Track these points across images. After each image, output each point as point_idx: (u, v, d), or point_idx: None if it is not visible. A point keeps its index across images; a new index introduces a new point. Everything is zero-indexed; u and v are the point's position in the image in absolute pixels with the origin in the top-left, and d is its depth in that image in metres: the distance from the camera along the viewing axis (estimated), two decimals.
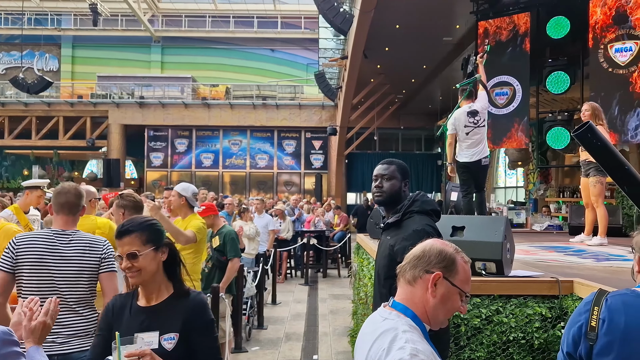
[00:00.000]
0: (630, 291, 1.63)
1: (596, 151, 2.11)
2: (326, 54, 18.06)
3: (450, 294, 1.44)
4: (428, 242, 1.52)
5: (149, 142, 23.16)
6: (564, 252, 5.03)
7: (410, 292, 1.47)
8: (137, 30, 26.11)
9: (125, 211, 3.27)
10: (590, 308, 1.62)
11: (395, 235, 2.38)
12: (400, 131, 23.59)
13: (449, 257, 1.46)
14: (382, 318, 1.47)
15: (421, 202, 2.44)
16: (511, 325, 3.07)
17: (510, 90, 9.10)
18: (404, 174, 2.55)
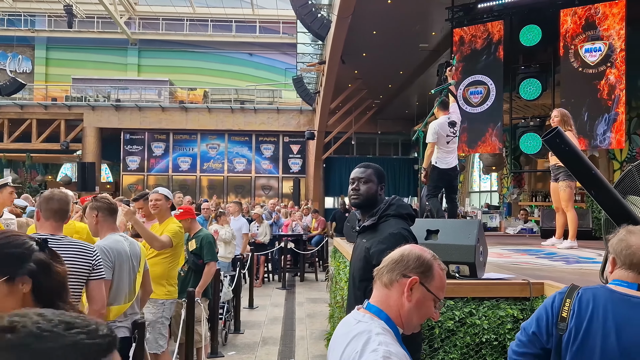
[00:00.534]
0: (601, 285, 1.72)
1: (564, 156, 2.18)
2: (304, 58, 18.11)
3: (425, 300, 1.47)
4: (407, 247, 1.54)
5: (125, 145, 22.86)
6: (535, 255, 5.13)
7: (385, 295, 1.48)
8: (113, 32, 25.79)
9: (98, 213, 3.22)
10: (563, 299, 1.70)
11: (371, 238, 2.41)
12: (377, 136, 23.76)
13: (427, 263, 1.48)
14: (356, 320, 1.48)
15: (397, 206, 2.48)
16: (484, 327, 3.13)
17: (484, 89, 9.28)
18: (381, 177, 2.59)
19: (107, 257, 3.04)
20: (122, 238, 3.27)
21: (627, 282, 1.65)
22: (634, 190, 2.79)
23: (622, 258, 1.68)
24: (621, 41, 8.09)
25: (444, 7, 10.03)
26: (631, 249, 1.65)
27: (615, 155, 10.24)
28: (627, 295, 1.62)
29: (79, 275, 2.67)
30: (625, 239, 1.68)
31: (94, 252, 2.77)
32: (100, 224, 3.24)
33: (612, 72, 8.06)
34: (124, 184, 22.80)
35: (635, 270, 1.64)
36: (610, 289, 1.67)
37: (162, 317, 3.96)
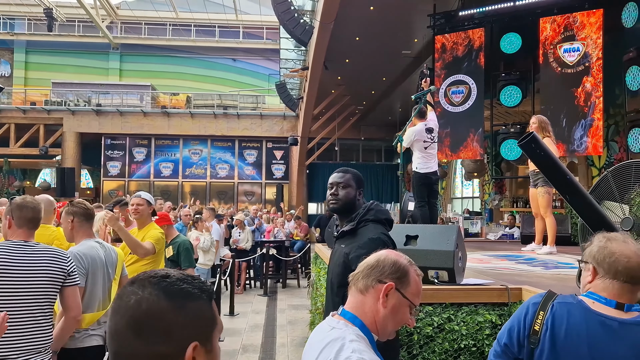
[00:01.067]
0: (576, 301, 1.64)
1: (540, 161, 2.18)
2: (287, 64, 18.11)
3: (400, 306, 1.44)
4: (383, 253, 1.52)
5: (106, 150, 22.58)
6: (515, 261, 5.16)
7: (360, 301, 1.46)
8: (94, 36, 25.52)
9: (74, 218, 3.15)
10: (537, 311, 1.65)
11: (350, 243, 2.39)
12: (360, 142, 23.81)
13: (403, 269, 1.46)
14: (330, 327, 1.45)
15: (376, 211, 2.46)
16: (462, 333, 3.12)
17: (465, 89, 9.37)
18: (359, 182, 2.57)
19: (81, 264, 2.97)
20: (97, 244, 3.20)
21: (605, 298, 1.58)
22: (609, 196, 2.81)
23: (605, 267, 1.60)
24: (598, 50, 8.23)
25: (425, 15, 10.10)
26: (614, 257, 1.58)
27: (594, 162, 10.39)
28: (603, 316, 1.56)
29: (54, 281, 2.62)
30: (607, 247, 1.61)
31: (68, 258, 2.73)
32: (76, 229, 3.17)
33: (589, 80, 8.20)
34: (105, 190, 22.50)
35: (621, 279, 1.57)
36: (587, 307, 1.59)
37: None
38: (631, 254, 1.58)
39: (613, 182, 2.78)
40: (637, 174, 2.72)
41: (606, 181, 2.82)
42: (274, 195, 22.35)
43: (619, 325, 1.54)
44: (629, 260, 1.56)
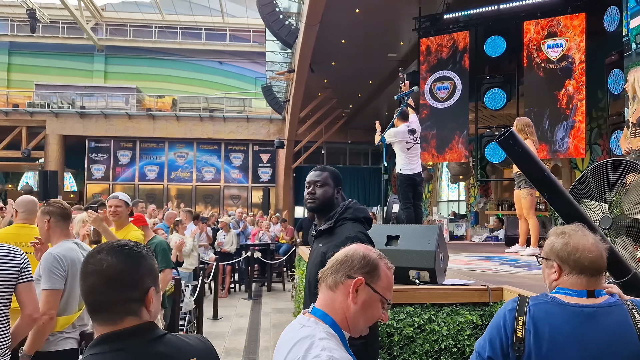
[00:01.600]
0: (549, 298, 1.62)
1: (518, 157, 2.16)
2: (274, 67, 18.06)
3: (371, 301, 1.41)
4: (352, 247, 1.48)
5: (90, 153, 22.32)
6: (498, 262, 5.16)
7: (330, 298, 1.42)
8: (79, 38, 25.26)
9: (51, 218, 3.07)
10: (515, 317, 1.61)
11: (327, 242, 2.35)
12: (347, 145, 23.80)
13: (372, 263, 1.42)
14: (300, 325, 1.42)
15: (354, 210, 2.43)
16: (443, 334, 3.09)
17: (450, 85, 9.41)
18: (337, 181, 2.54)
19: (60, 266, 2.89)
20: (75, 245, 3.12)
21: (576, 291, 1.58)
22: (588, 195, 2.81)
23: (570, 264, 1.60)
24: (581, 53, 8.31)
25: (411, 18, 10.13)
26: (579, 253, 1.58)
27: (577, 165, 10.47)
28: (579, 305, 1.56)
29: (7, 280, 2.57)
30: (569, 243, 1.60)
31: (21, 255, 2.67)
32: (52, 229, 3.09)
33: (571, 83, 8.28)
34: (89, 193, 22.21)
35: (588, 274, 1.57)
36: (561, 301, 1.59)
37: None
38: (592, 247, 1.59)
39: (592, 181, 2.78)
40: (616, 173, 2.72)
41: (585, 180, 2.81)
42: (261, 198, 22.25)
43: (596, 311, 1.55)
44: (592, 254, 1.58)
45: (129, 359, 1.24)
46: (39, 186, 19.64)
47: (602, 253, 1.61)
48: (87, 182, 22.35)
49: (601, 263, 1.59)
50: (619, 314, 1.55)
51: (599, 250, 1.60)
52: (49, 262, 2.88)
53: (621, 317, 1.55)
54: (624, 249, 2.64)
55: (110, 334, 1.26)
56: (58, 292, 2.87)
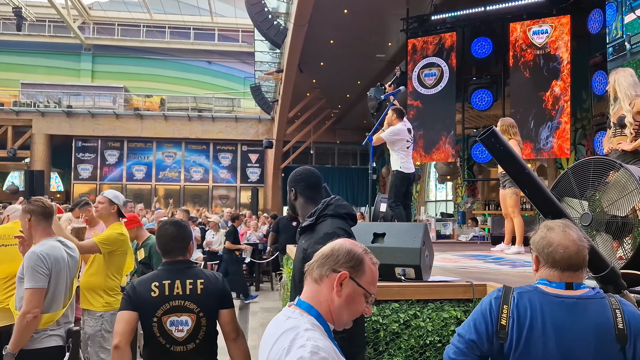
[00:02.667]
0: (532, 288, 1.69)
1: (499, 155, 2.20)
2: (262, 67, 18.06)
3: (355, 295, 1.44)
4: (338, 242, 1.51)
5: (77, 153, 22.16)
6: (483, 260, 5.22)
7: (316, 291, 1.45)
8: (66, 37, 25.06)
9: (31, 217, 3.05)
10: (500, 305, 1.67)
11: (308, 239, 2.39)
12: (336, 145, 23.87)
13: (357, 257, 1.45)
14: (286, 317, 1.45)
15: (335, 206, 2.45)
16: (428, 330, 3.13)
17: (438, 71, 9.49)
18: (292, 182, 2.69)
19: (44, 264, 2.88)
20: (59, 244, 3.12)
21: (554, 282, 1.65)
22: (569, 192, 2.87)
23: (544, 257, 1.67)
24: (568, 53, 8.42)
25: (399, 18, 10.20)
26: (552, 247, 1.64)
27: (562, 165, 10.60)
28: (560, 296, 1.62)
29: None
30: (546, 237, 1.67)
31: None
32: (34, 228, 3.07)
33: (558, 84, 8.38)
34: (76, 193, 22.04)
35: (559, 268, 1.63)
36: (542, 290, 1.65)
37: (101, 331, 3.76)
38: (569, 243, 1.64)
39: (573, 179, 2.83)
40: (596, 172, 2.78)
41: (566, 178, 2.87)
42: (249, 198, 22.23)
43: (576, 302, 1.61)
44: (565, 249, 1.63)
45: (174, 270, 2.56)
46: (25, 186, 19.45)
47: (580, 250, 1.65)
48: (74, 182, 22.18)
49: (576, 259, 1.64)
50: (599, 307, 1.61)
51: (577, 247, 1.64)
52: (32, 260, 2.87)
53: (600, 311, 1.60)
54: (603, 245, 2.70)
55: (170, 261, 2.61)
56: (42, 291, 2.86)
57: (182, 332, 2.49)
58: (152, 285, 2.48)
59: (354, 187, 23.20)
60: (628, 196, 2.63)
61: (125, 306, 2.47)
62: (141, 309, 2.44)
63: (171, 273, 2.53)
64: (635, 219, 2.64)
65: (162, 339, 2.46)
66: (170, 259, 2.58)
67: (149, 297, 2.45)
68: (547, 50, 8.61)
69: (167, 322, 2.47)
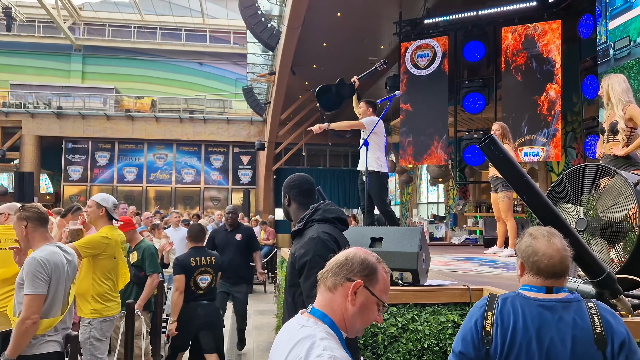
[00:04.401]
0: (515, 294, 1.75)
1: (498, 162, 2.24)
2: (255, 69, 18.05)
3: (369, 303, 1.45)
4: (351, 250, 1.52)
5: (67, 154, 21.99)
6: (477, 263, 5.27)
7: (329, 299, 1.46)
8: (56, 37, 24.87)
9: (28, 223, 3.03)
10: (484, 312, 1.72)
11: (296, 243, 2.43)
12: (328, 147, 23.89)
13: (371, 266, 1.47)
14: (300, 325, 1.44)
15: (323, 211, 2.45)
16: (425, 333, 3.16)
17: (430, 52, 9.56)
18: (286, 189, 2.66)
19: (44, 270, 2.86)
20: (58, 249, 3.10)
21: (536, 287, 1.71)
22: (565, 197, 2.91)
23: (529, 264, 1.72)
24: (560, 57, 8.51)
25: (391, 22, 10.26)
26: (537, 256, 1.70)
27: (553, 168, 10.71)
28: (540, 300, 1.68)
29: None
30: (532, 245, 1.72)
31: None
32: (31, 234, 3.05)
33: (553, 87, 8.47)
34: (65, 195, 21.88)
35: (543, 276, 1.69)
36: (524, 295, 1.71)
37: (90, 338, 3.72)
38: (553, 252, 1.69)
39: (568, 184, 2.88)
40: (591, 177, 2.83)
41: (562, 184, 2.92)
42: (241, 200, 22.19)
43: (555, 305, 1.67)
44: (550, 259, 1.69)
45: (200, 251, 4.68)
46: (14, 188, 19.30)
47: (563, 259, 1.71)
48: (64, 184, 22.00)
49: (559, 268, 1.70)
50: (577, 311, 1.67)
51: (561, 256, 1.70)
52: (32, 266, 2.85)
53: (578, 314, 1.66)
54: (598, 249, 2.75)
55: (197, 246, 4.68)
56: (41, 297, 2.85)
57: (205, 284, 4.60)
58: (190, 259, 4.56)
59: (346, 188, 23.24)
60: (623, 202, 2.68)
61: (178, 271, 4.51)
62: (186, 272, 4.50)
63: (199, 252, 4.64)
64: (629, 224, 2.69)
65: (194, 287, 4.54)
66: (197, 244, 4.72)
67: (189, 266, 4.52)
68: (540, 53, 8.69)
69: (198, 278, 4.57)
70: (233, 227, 6.08)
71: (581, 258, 2.33)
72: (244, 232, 6.11)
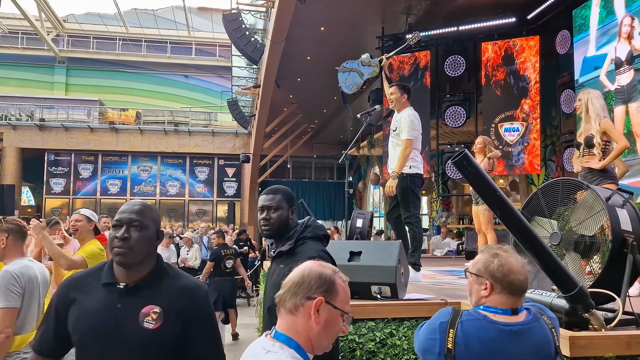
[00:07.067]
0: (481, 316, 1.71)
1: (471, 177, 2.25)
2: (239, 82, 18.08)
3: (333, 317, 1.41)
4: (305, 266, 1.47)
5: (50, 167, 21.73)
6: (457, 276, 5.29)
7: (292, 322, 1.41)
8: (39, 49, 24.70)
9: (9, 236, 3.02)
10: (447, 329, 1.69)
11: (289, 263, 2.23)
12: (313, 159, 23.92)
13: (329, 280, 1.43)
14: (265, 350, 1.40)
15: (313, 228, 2.39)
16: (404, 348, 3.16)
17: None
18: (290, 201, 2.43)
19: (17, 283, 2.84)
20: (31, 263, 3.09)
21: (502, 309, 1.69)
22: (539, 212, 2.95)
23: (504, 284, 1.69)
24: (536, 73, 8.68)
25: (374, 36, 10.36)
26: (513, 275, 1.68)
27: (534, 181, 10.84)
28: (507, 324, 1.67)
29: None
30: (505, 265, 1.70)
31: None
32: (9, 247, 3.03)
33: (527, 102, 8.62)
34: (47, 208, 21.59)
35: (517, 294, 1.69)
36: (490, 319, 1.68)
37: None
38: (522, 270, 1.72)
39: (543, 199, 2.92)
40: (564, 192, 2.87)
41: (536, 198, 2.95)
42: (226, 213, 22.08)
43: (521, 329, 1.67)
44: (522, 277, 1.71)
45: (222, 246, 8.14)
46: None
47: (527, 276, 1.74)
48: (46, 197, 21.72)
49: (526, 284, 1.73)
50: (539, 329, 1.70)
51: (526, 273, 1.73)
52: (5, 279, 2.83)
53: (542, 333, 1.70)
54: (572, 263, 2.78)
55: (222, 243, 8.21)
56: (14, 311, 2.82)
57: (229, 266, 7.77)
58: (221, 251, 7.78)
59: (331, 201, 23.26)
60: (595, 216, 2.72)
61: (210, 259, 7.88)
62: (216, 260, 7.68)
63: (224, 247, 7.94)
64: (602, 238, 2.73)
65: (224, 267, 7.71)
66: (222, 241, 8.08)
67: (220, 255, 7.69)
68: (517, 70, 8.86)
69: (225, 262, 7.67)
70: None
71: (554, 273, 2.35)
72: None
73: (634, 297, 3.08)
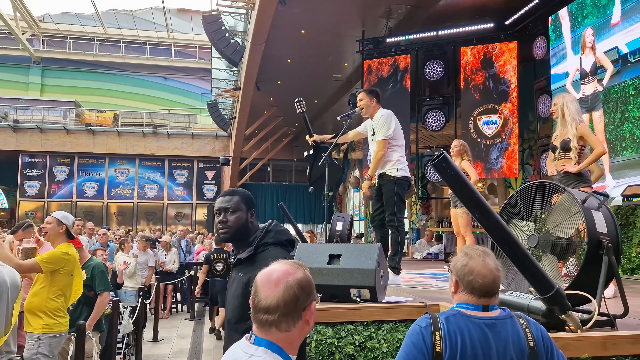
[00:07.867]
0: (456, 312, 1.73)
1: (450, 180, 2.26)
2: (219, 84, 17.96)
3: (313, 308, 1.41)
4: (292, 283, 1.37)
5: (24, 169, 21.28)
6: (437, 279, 5.31)
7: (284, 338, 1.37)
8: (13, 49, 24.22)
9: None
10: (432, 333, 1.69)
11: (249, 271, 2.05)
12: (293, 163, 23.87)
13: (310, 283, 1.41)
14: (248, 355, 1.36)
15: (275, 232, 2.22)
16: (383, 351, 3.14)
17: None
18: (249, 203, 2.27)
19: None
20: (1, 267, 2.98)
21: (473, 305, 1.73)
22: (517, 214, 2.97)
23: (464, 283, 1.74)
24: (516, 77, 8.79)
25: (355, 40, 10.39)
26: (472, 275, 1.72)
27: (512, 184, 10.97)
28: (480, 318, 1.71)
29: None
30: (467, 265, 1.75)
31: None
32: None
33: (507, 107, 8.73)
34: (21, 211, 21.14)
35: (477, 295, 1.73)
36: (465, 314, 1.72)
37: (37, 354, 3.58)
38: (487, 272, 1.73)
39: (520, 201, 2.94)
40: (541, 194, 2.89)
41: (514, 201, 2.98)
42: (205, 216, 21.88)
43: (495, 322, 1.71)
44: (484, 278, 1.72)
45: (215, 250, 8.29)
46: None
47: (496, 279, 1.76)
48: (20, 199, 21.27)
49: (492, 287, 1.74)
50: (512, 327, 1.73)
51: (494, 276, 1.75)
52: None
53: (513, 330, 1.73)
54: (549, 265, 2.80)
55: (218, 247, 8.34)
56: None
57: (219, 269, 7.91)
58: (212, 255, 8.09)
59: (311, 204, 23.22)
60: (572, 218, 2.75)
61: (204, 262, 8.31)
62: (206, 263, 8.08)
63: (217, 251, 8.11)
64: (578, 240, 2.76)
65: (214, 270, 7.93)
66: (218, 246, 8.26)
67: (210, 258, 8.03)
68: (496, 73, 8.96)
69: (216, 265, 7.91)
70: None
71: (532, 275, 2.37)
72: None
73: (609, 298, 3.11)
